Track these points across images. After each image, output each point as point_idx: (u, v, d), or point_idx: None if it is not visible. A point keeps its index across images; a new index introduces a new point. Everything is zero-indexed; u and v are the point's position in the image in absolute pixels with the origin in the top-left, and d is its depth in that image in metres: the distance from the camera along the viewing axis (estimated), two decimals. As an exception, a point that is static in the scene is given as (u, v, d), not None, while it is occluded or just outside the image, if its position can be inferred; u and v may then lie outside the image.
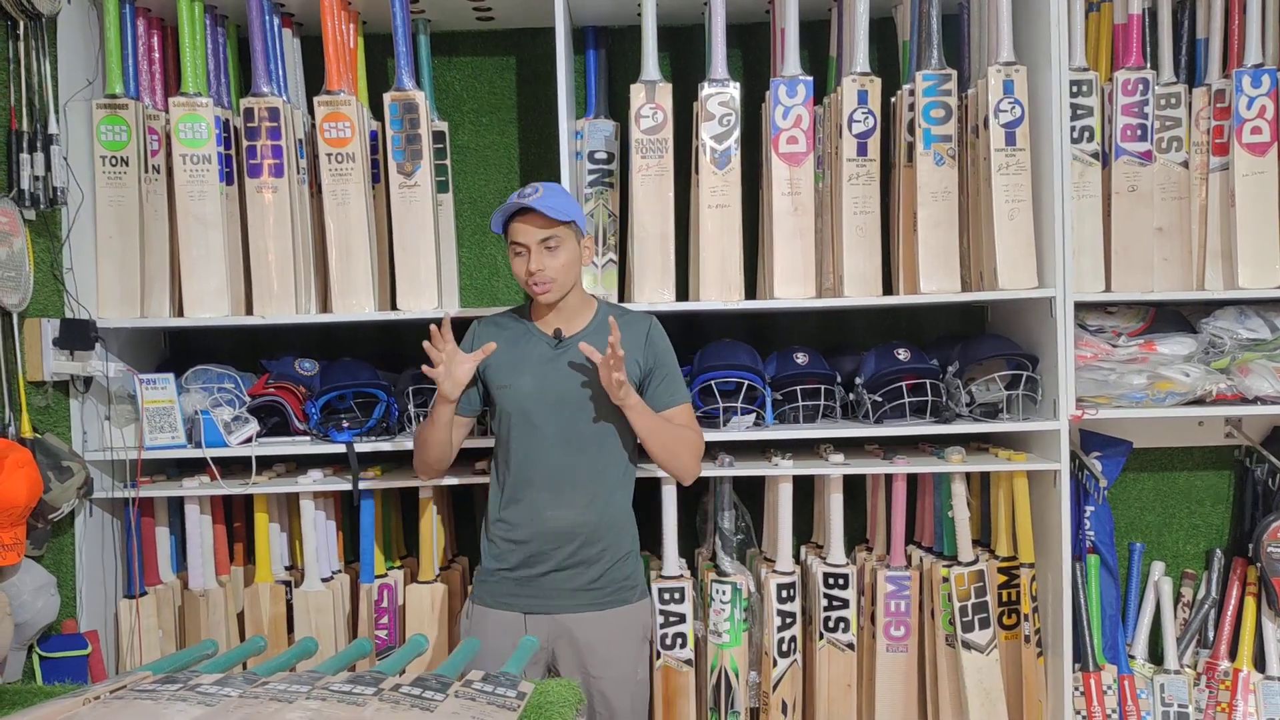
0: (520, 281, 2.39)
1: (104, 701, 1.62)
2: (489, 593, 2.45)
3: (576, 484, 2.39)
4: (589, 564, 2.41)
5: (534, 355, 2.42)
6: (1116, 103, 2.93)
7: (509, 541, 2.42)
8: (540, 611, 2.40)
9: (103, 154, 2.82)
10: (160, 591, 2.91)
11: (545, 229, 2.33)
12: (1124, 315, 3.01)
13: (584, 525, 2.39)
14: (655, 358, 2.48)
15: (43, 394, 2.65)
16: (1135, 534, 3.32)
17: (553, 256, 2.35)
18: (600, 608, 2.41)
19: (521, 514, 2.41)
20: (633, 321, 2.49)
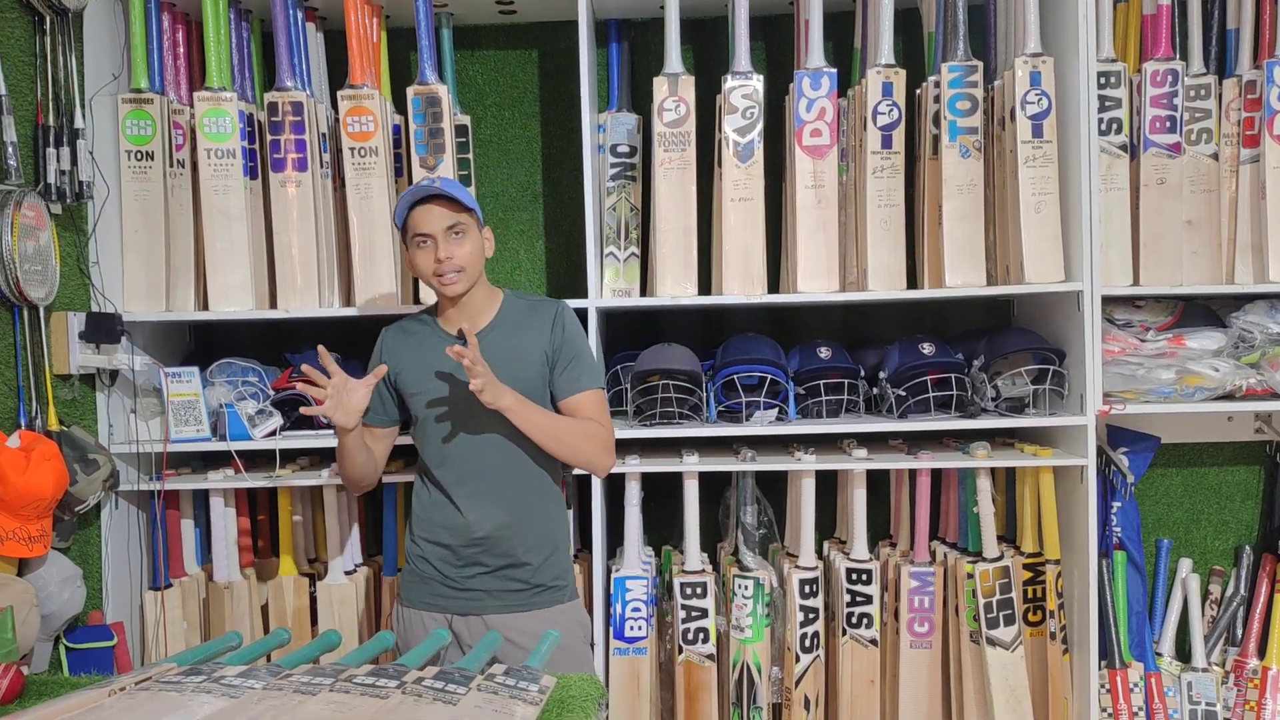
0: (425, 277, 2.31)
1: (129, 693, 1.62)
2: (416, 595, 2.38)
3: (497, 484, 2.32)
4: (516, 564, 2.33)
5: (441, 358, 2.30)
6: (1145, 94, 2.89)
7: (433, 544, 2.35)
8: (469, 613, 2.33)
9: (128, 148, 2.83)
10: (185, 583, 2.93)
11: (451, 216, 2.26)
12: (1152, 309, 2.97)
13: (507, 526, 2.32)
14: (563, 342, 2.37)
15: (69, 387, 2.66)
16: (1163, 530, 3.29)
17: (459, 244, 2.27)
18: (530, 608, 2.33)
19: (445, 516, 2.34)
20: (539, 308, 2.41)
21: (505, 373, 2.26)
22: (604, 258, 3.01)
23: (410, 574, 2.40)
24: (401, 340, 2.43)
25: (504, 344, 2.32)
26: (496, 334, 2.34)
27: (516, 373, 2.29)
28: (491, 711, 1.54)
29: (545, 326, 2.37)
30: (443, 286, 2.29)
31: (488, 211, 3.31)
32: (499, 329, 2.36)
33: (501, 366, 2.27)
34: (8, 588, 2.23)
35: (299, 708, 1.50)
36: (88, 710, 1.54)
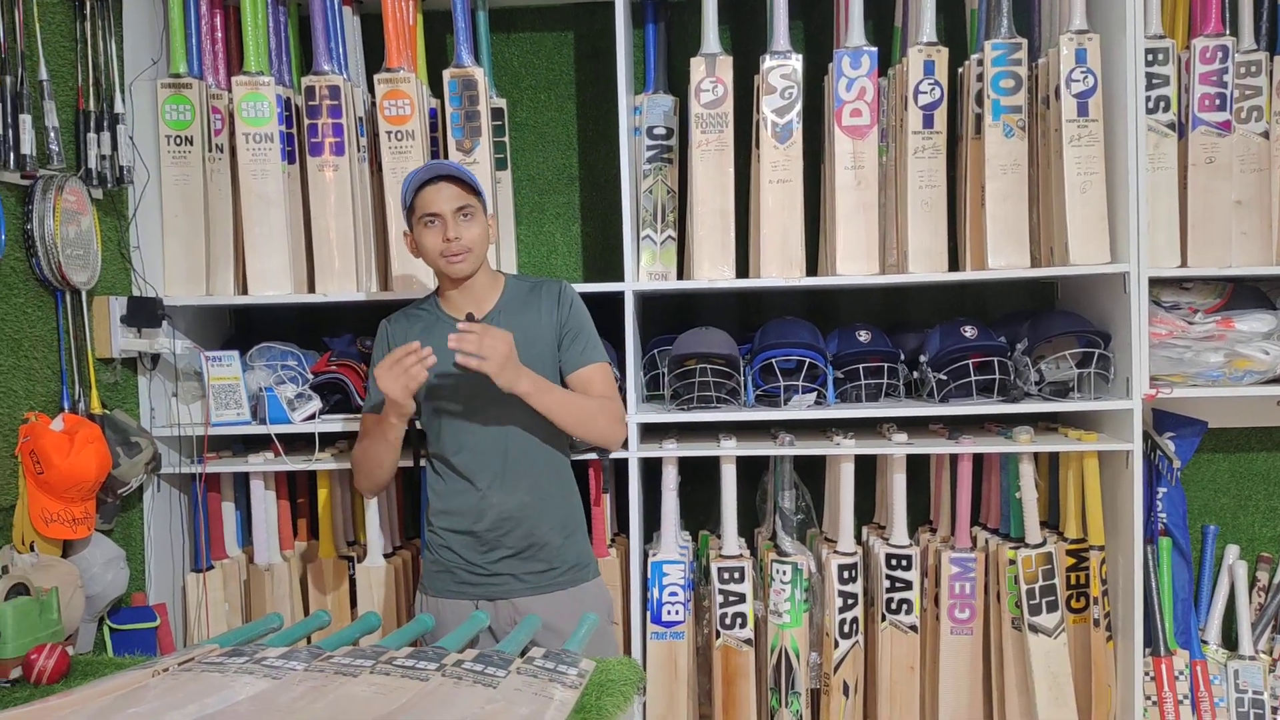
0: (431, 257, 2.30)
1: (173, 673, 1.64)
2: (441, 583, 2.38)
3: (513, 468, 2.32)
4: (539, 546, 2.34)
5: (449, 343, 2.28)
6: (1194, 71, 2.83)
7: (455, 532, 2.35)
8: (496, 597, 2.33)
9: (167, 133, 2.85)
10: (226, 566, 2.96)
11: (462, 197, 2.27)
12: (1200, 291, 2.91)
13: (529, 506, 2.32)
14: (569, 317, 2.39)
15: (111, 371, 2.69)
16: (1209, 516, 3.23)
17: (468, 226, 2.27)
18: (557, 588, 2.35)
19: (463, 503, 2.34)
20: (544, 288, 2.42)
21: (518, 355, 2.26)
22: (640, 241, 2.99)
23: (433, 563, 2.40)
24: (406, 328, 2.40)
25: (512, 326, 2.30)
26: (503, 317, 2.34)
27: (528, 353, 2.29)
28: (531, 695, 1.54)
29: (551, 304, 2.39)
30: (449, 266, 2.28)
31: (523, 194, 3.31)
32: (505, 312, 2.36)
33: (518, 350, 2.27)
34: (53, 569, 2.26)
35: (340, 689, 1.50)
36: (132, 690, 1.55)
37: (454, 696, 1.50)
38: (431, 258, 2.31)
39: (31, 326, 2.42)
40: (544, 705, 1.51)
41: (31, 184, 2.41)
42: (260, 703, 1.45)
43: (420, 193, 2.28)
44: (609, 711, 1.60)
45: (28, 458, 2.29)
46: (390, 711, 1.40)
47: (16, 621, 1.90)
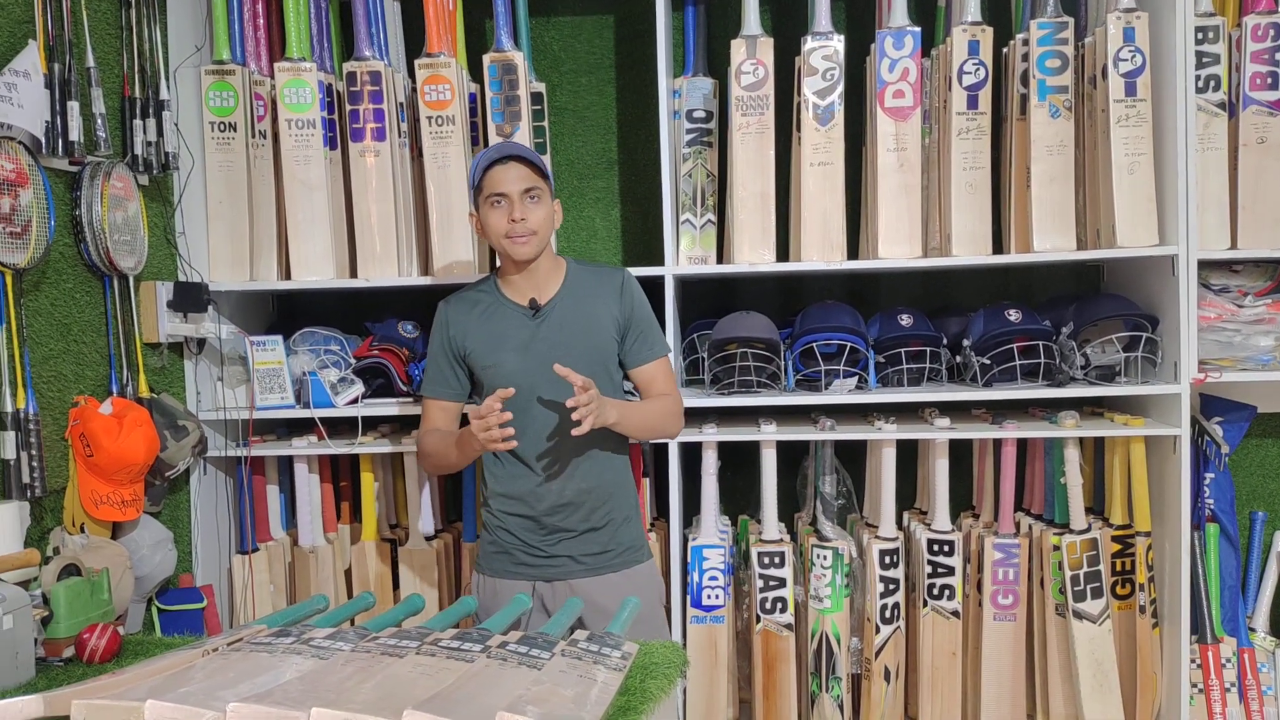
0: (495, 237, 2.27)
1: (222, 653, 1.66)
2: (499, 564, 2.37)
3: (573, 453, 2.30)
4: (596, 529, 2.34)
5: (512, 329, 2.31)
6: (1245, 49, 2.77)
7: (514, 515, 2.34)
8: (554, 579, 2.33)
9: (211, 120, 2.87)
10: (271, 548, 2.99)
11: (530, 178, 2.25)
12: (1250, 274, 2.86)
13: (586, 493, 2.32)
14: (632, 310, 2.36)
15: (158, 355, 2.72)
16: (1257, 502, 3.18)
17: (535, 208, 2.25)
18: (612, 570, 2.34)
19: (522, 487, 2.32)
20: (604, 275, 2.39)
21: (579, 341, 2.27)
22: (680, 225, 2.98)
23: (490, 544, 2.39)
24: (466, 312, 2.38)
25: (575, 312, 2.31)
26: (565, 302, 2.32)
27: (590, 341, 2.29)
28: (576, 677, 1.55)
29: (614, 294, 2.35)
30: (514, 246, 2.25)
31: (563, 179, 3.31)
32: (567, 297, 2.33)
33: (574, 335, 2.28)
34: (103, 550, 2.29)
35: (387, 670, 1.51)
36: (183, 669, 1.58)
37: (499, 678, 1.50)
38: (496, 238, 2.28)
39: (80, 311, 2.45)
40: (588, 687, 1.52)
41: (79, 170, 2.44)
42: (309, 682, 1.46)
43: (489, 172, 2.26)
44: (653, 694, 1.60)
45: (78, 441, 2.32)
46: (438, 692, 1.41)
47: (69, 601, 1.93)
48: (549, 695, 1.44)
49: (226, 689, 1.44)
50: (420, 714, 1.30)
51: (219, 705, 1.36)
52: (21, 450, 2.18)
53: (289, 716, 1.33)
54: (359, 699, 1.38)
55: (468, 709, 1.35)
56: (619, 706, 1.54)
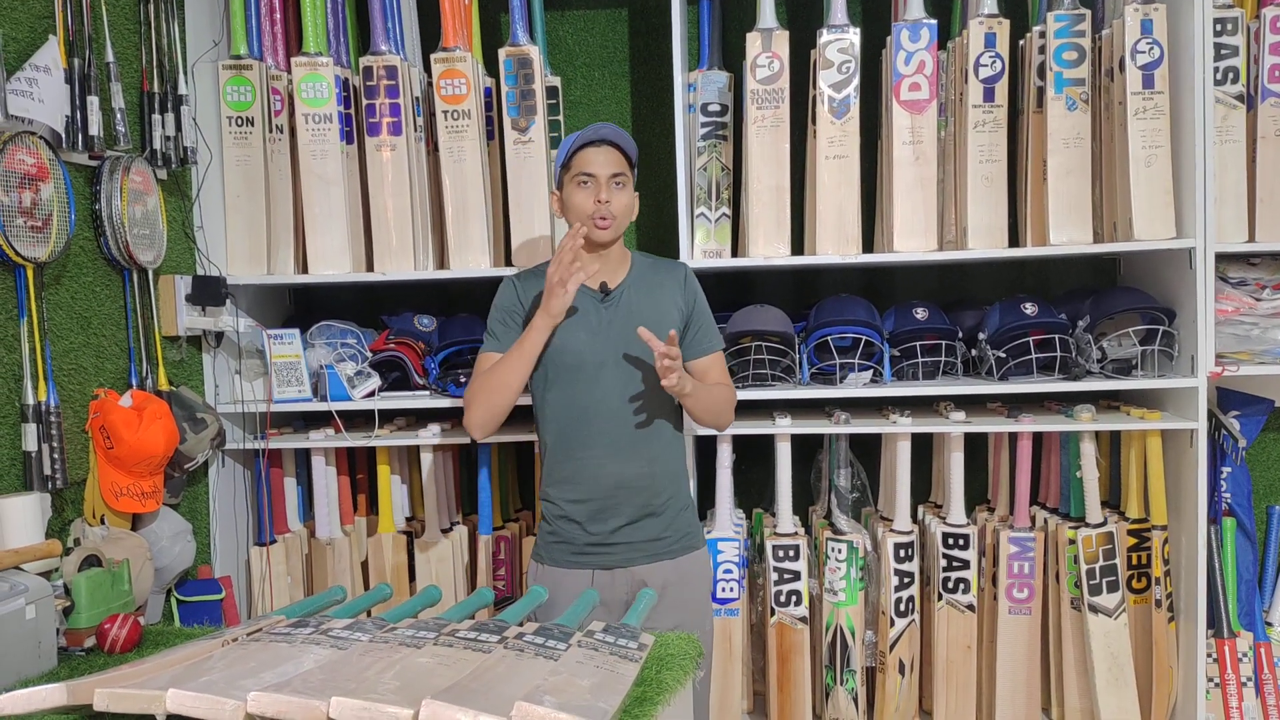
0: (578, 216, 2.25)
1: (241, 643, 1.67)
2: (557, 553, 2.36)
3: (636, 437, 2.30)
4: (656, 515, 2.33)
5: (583, 310, 2.29)
6: (1264, 41, 2.75)
7: (573, 502, 2.33)
8: (614, 566, 2.32)
9: (229, 114, 2.89)
10: (289, 540, 3.01)
11: (619, 164, 2.26)
12: (1268, 266, 2.85)
13: (647, 477, 2.31)
14: (694, 303, 2.38)
15: (177, 348, 2.74)
16: (1275, 497, 3.17)
17: (619, 194, 2.26)
18: (670, 556, 2.34)
19: (584, 471, 2.31)
20: (668, 268, 2.41)
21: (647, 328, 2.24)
22: (695, 218, 2.99)
23: (549, 534, 2.37)
24: (535, 287, 2.33)
25: (643, 301, 2.31)
26: (633, 291, 2.32)
27: (658, 331, 2.24)
28: (593, 668, 1.55)
29: (678, 286, 2.38)
30: (596, 229, 2.24)
31: (579, 173, 3.30)
32: (635, 286, 2.34)
33: (643, 321, 2.25)
34: (123, 541, 2.31)
35: (405, 660, 1.53)
36: (203, 659, 1.59)
37: (516, 668, 1.51)
38: (579, 217, 2.26)
39: (100, 305, 2.47)
40: (605, 677, 1.53)
41: (99, 165, 2.46)
42: (328, 672, 1.47)
43: (580, 152, 2.26)
44: (668, 685, 1.61)
45: (98, 433, 2.35)
46: (456, 682, 1.42)
47: (90, 592, 1.95)
48: (566, 685, 1.45)
49: (247, 678, 1.46)
50: (439, 703, 1.31)
51: (240, 694, 1.37)
52: (43, 442, 2.21)
53: (309, 705, 1.34)
54: (378, 688, 1.39)
55: (485, 698, 1.36)
56: (635, 697, 1.55)
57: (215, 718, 1.37)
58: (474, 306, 3.27)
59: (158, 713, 1.40)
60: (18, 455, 2.20)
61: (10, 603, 1.77)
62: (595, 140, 2.26)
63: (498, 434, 2.90)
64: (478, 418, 2.32)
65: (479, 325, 2.99)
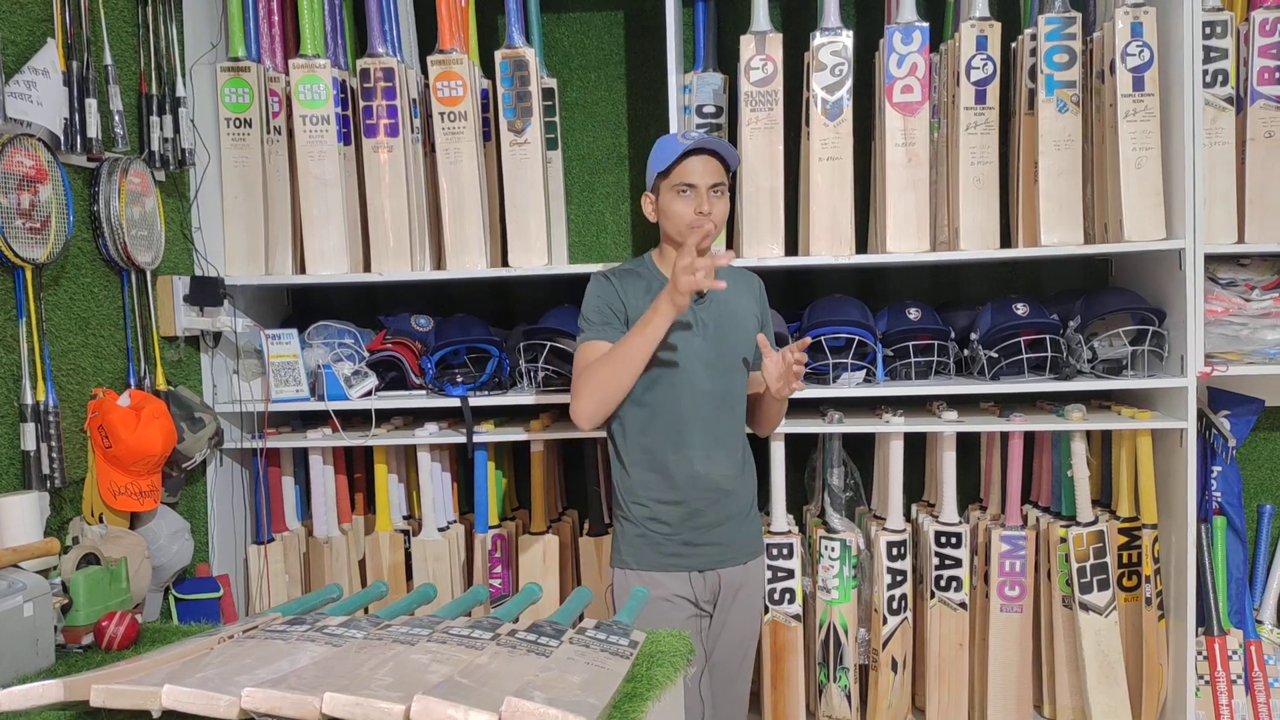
0: (678, 224, 2.22)
1: (237, 640, 1.69)
2: (651, 557, 2.30)
3: (725, 438, 2.31)
4: (740, 516, 2.34)
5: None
6: (1253, 44, 2.78)
7: (666, 504, 2.29)
8: (706, 568, 2.31)
9: (227, 116, 2.91)
10: (286, 538, 3.03)
11: (719, 174, 2.24)
12: (1258, 268, 2.87)
13: (733, 478, 2.32)
14: (765, 314, 2.43)
15: (175, 348, 2.76)
16: (1265, 496, 3.19)
17: (718, 203, 2.24)
18: (749, 557, 2.37)
19: (675, 473, 2.28)
20: (745, 277, 2.43)
21: (733, 333, 2.31)
22: (690, 219, 3.00)
23: (638, 538, 2.31)
24: (631, 282, 2.31)
25: (729, 306, 2.31)
26: (720, 295, 2.28)
27: (740, 335, 2.31)
28: (583, 664, 1.57)
29: (754, 296, 2.41)
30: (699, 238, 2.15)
31: (574, 174, 3.34)
32: (722, 291, 2.25)
33: (731, 326, 2.30)
34: (121, 540, 2.33)
35: (399, 656, 1.55)
36: (200, 655, 1.61)
37: (509, 664, 1.53)
38: (678, 226, 2.24)
39: (99, 305, 2.49)
40: (596, 674, 1.55)
41: (97, 166, 2.48)
42: (323, 668, 1.49)
43: (683, 160, 2.23)
44: (659, 681, 1.63)
45: (96, 433, 2.37)
46: (448, 677, 1.44)
47: (88, 590, 1.97)
48: (556, 681, 1.47)
49: (242, 674, 1.48)
50: (430, 699, 1.33)
51: (234, 690, 1.39)
52: (41, 442, 2.23)
53: (303, 700, 1.36)
54: (372, 684, 1.41)
55: (477, 694, 1.38)
56: (626, 693, 1.57)
57: (210, 713, 1.39)
58: (470, 307, 3.30)
59: (153, 709, 1.42)
60: (16, 454, 2.22)
61: (8, 600, 1.78)
62: (698, 149, 2.23)
63: (493, 433, 2.95)
64: (589, 407, 2.22)
65: (475, 325, 3.03)
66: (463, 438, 2.91)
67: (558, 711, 1.34)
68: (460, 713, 1.32)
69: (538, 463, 3.04)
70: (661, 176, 2.27)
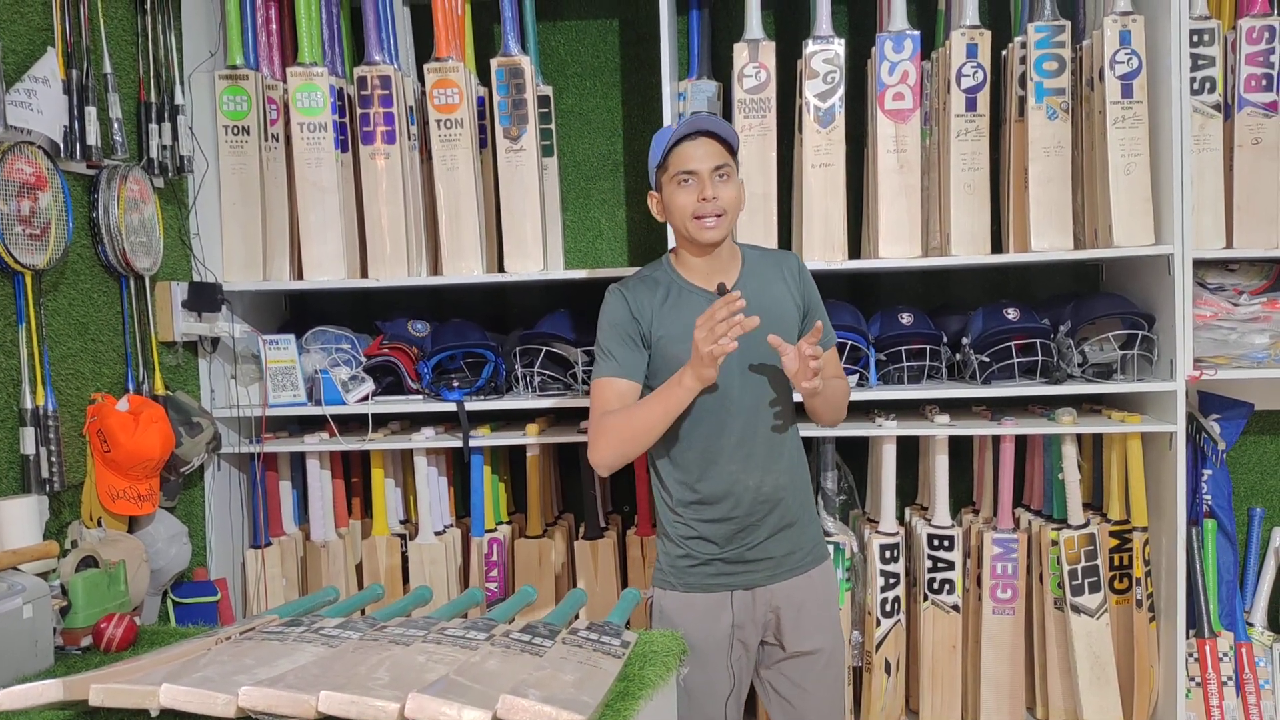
0: (681, 218, 2.10)
1: (235, 641, 1.71)
2: (695, 578, 2.18)
3: (768, 446, 2.16)
4: (791, 526, 2.19)
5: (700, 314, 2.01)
6: (1240, 52, 2.81)
7: (710, 521, 2.15)
8: (754, 586, 2.17)
9: (225, 123, 2.93)
10: (284, 542, 3.05)
11: (720, 155, 2.09)
12: (1246, 273, 2.90)
13: (783, 488, 2.17)
14: (809, 295, 2.24)
15: (173, 354, 2.79)
16: (1255, 499, 3.21)
17: (724, 186, 2.08)
18: (805, 569, 2.21)
19: (718, 489, 2.14)
20: (780, 258, 2.26)
21: (768, 327, 2.04)
22: (685, 225, 3.02)
23: (682, 558, 2.19)
24: (649, 295, 2.16)
25: (761, 297, 2.13)
26: (749, 288, 2.12)
27: (778, 327, 2.09)
28: (576, 663, 1.60)
29: (792, 276, 2.23)
30: (702, 230, 2.08)
31: (569, 181, 3.36)
32: (750, 282, 2.17)
33: (765, 322, 2.03)
34: (119, 543, 2.35)
35: (395, 656, 1.57)
36: (197, 656, 1.63)
37: (502, 664, 1.56)
38: (682, 219, 2.10)
39: (97, 311, 2.52)
40: (589, 673, 1.57)
41: (97, 174, 2.50)
42: (319, 668, 1.52)
43: (677, 148, 2.09)
44: (651, 681, 1.65)
45: (95, 437, 2.39)
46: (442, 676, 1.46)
47: (87, 592, 1.99)
48: (550, 680, 1.50)
49: (240, 674, 1.50)
50: (425, 696, 1.35)
51: (232, 689, 1.41)
52: (41, 446, 2.25)
53: (299, 699, 1.38)
54: (368, 684, 1.44)
55: (472, 692, 1.40)
56: (618, 692, 1.59)
57: (208, 711, 1.41)
58: (467, 312, 3.32)
59: (151, 708, 1.44)
60: (16, 458, 2.25)
61: (8, 602, 1.80)
62: (692, 133, 2.09)
63: (490, 437, 2.97)
64: (609, 459, 2.12)
65: (472, 330, 3.05)
66: (459, 442, 2.93)
67: (553, 709, 1.36)
68: (454, 710, 1.34)
69: (534, 467, 3.06)
70: (661, 170, 2.15)
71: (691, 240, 2.13)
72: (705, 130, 2.09)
